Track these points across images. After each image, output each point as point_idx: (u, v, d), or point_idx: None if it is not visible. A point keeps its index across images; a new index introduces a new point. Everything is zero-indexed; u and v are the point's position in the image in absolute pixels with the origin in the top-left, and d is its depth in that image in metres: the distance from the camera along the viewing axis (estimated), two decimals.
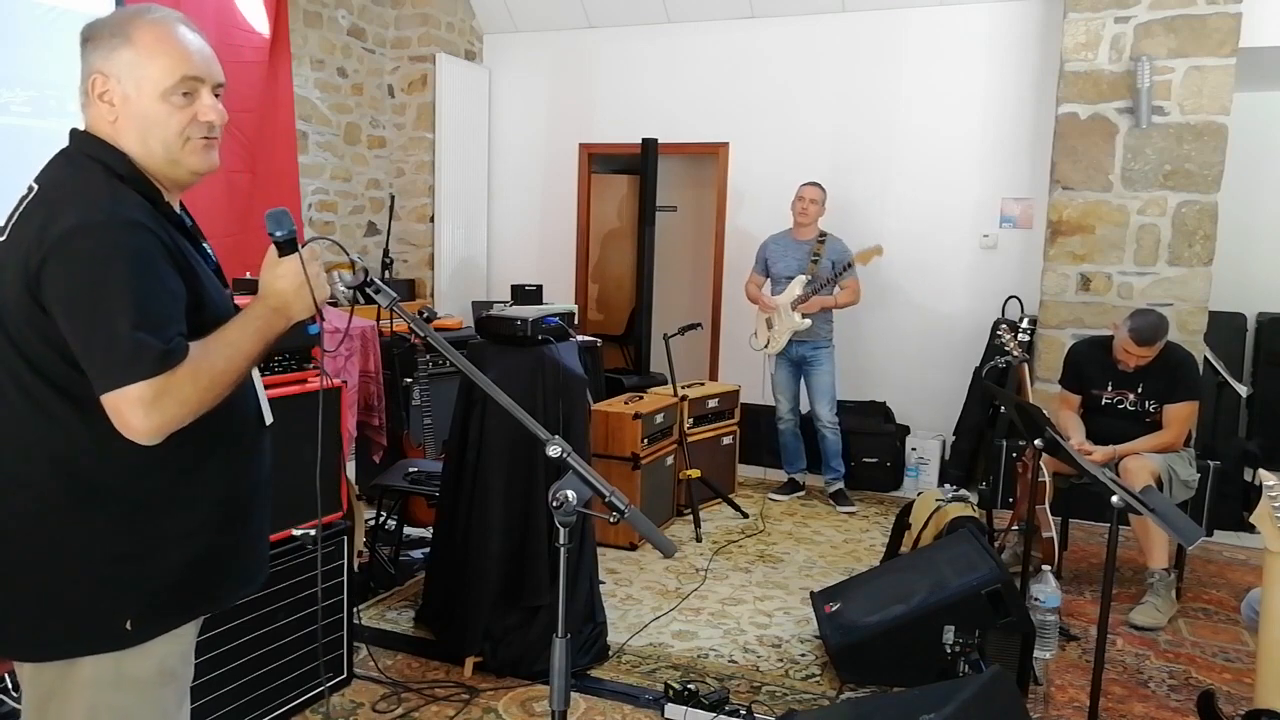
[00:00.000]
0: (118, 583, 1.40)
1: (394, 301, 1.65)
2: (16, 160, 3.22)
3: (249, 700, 2.50)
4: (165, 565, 1.44)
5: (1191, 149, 4.74)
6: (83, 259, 1.30)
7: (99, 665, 1.41)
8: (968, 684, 2.25)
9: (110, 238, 1.31)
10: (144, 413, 1.29)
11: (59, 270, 1.30)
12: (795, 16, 5.91)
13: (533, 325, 3.13)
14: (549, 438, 1.53)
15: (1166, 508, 2.50)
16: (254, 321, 1.43)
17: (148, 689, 1.46)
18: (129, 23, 1.42)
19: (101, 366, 1.30)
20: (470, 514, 3.08)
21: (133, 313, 1.29)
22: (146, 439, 1.32)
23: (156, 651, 1.45)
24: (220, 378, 1.37)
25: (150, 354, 1.29)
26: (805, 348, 5.11)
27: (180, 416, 1.33)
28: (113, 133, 1.42)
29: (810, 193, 5.07)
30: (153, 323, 1.31)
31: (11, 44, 3.54)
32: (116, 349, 1.28)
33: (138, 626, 1.42)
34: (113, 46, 1.41)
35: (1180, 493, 3.78)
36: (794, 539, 4.58)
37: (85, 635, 1.40)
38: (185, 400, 1.32)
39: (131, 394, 1.28)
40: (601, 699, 2.87)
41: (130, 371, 1.28)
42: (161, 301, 1.34)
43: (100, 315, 1.29)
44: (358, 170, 6.18)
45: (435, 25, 6.33)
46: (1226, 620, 3.68)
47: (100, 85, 1.41)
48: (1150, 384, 3.83)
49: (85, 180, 1.38)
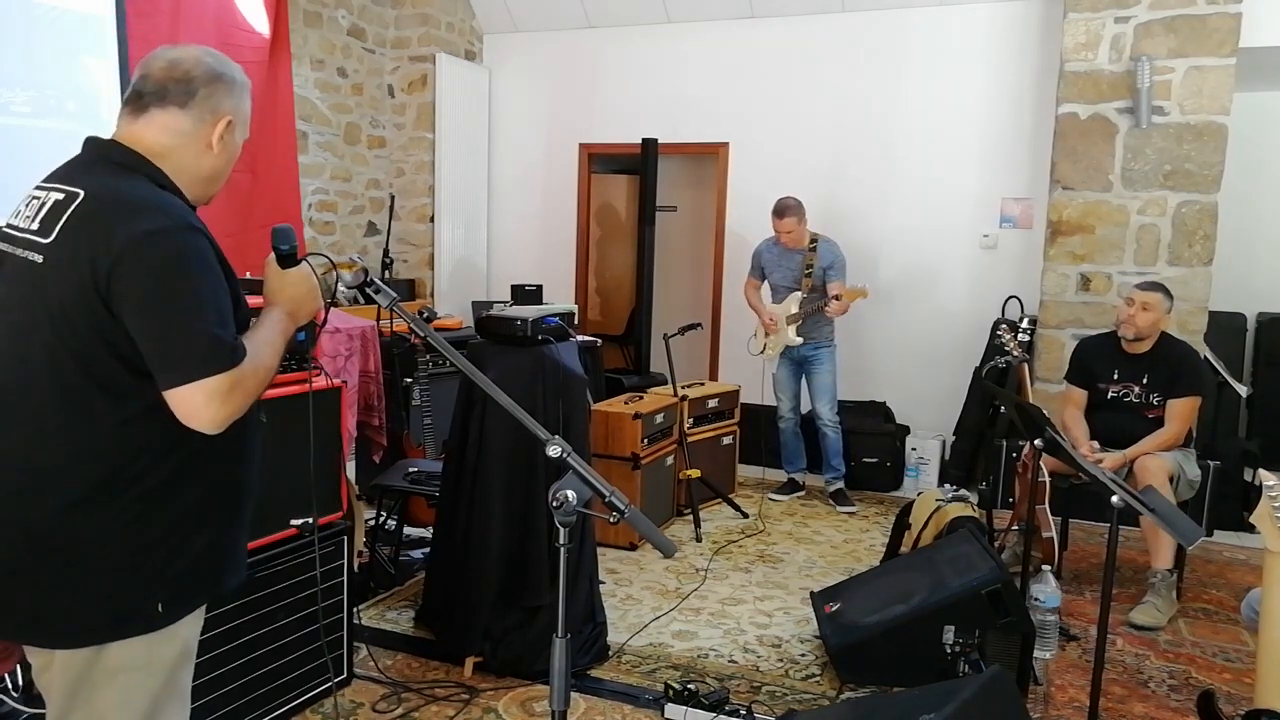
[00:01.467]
0: (148, 567, 1.48)
1: (394, 301, 1.67)
2: (17, 160, 3.22)
3: (249, 700, 2.50)
4: (188, 548, 1.52)
5: (1191, 149, 4.74)
6: (158, 261, 1.39)
7: (129, 649, 1.48)
8: (968, 684, 2.25)
9: (180, 241, 1.42)
10: (220, 403, 1.39)
11: (134, 271, 1.37)
12: (795, 16, 5.91)
13: (533, 325, 3.13)
14: (549, 438, 1.53)
15: (1166, 508, 2.50)
16: (278, 324, 1.59)
17: (173, 670, 1.54)
18: (241, 72, 1.62)
19: (180, 361, 1.38)
20: (470, 514, 3.08)
21: (212, 311, 1.41)
22: (214, 428, 1.42)
23: (181, 633, 1.54)
24: (268, 373, 1.51)
25: (225, 349, 1.41)
26: (807, 348, 5.12)
27: (244, 406, 1.45)
28: (192, 164, 1.56)
29: (784, 226, 4.96)
30: (223, 320, 1.43)
31: (11, 44, 3.54)
32: (196, 344, 1.38)
33: (168, 609, 1.50)
34: (243, 96, 1.61)
35: (1185, 491, 3.79)
36: (794, 539, 4.58)
37: (121, 620, 1.47)
38: (250, 392, 1.45)
39: (210, 386, 1.38)
40: (601, 699, 2.87)
41: (209, 365, 1.38)
42: (224, 301, 1.45)
43: (179, 313, 1.39)
44: (358, 170, 6.19)
45: (435, 25, 6.33)
46: (1226, 620, 3.68)
47: (224, 129, 1.58)
48: (1154, 376, 3.84)
49: (139, 189, 1.46)
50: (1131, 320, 3.82)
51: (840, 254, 5.06)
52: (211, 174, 1.60)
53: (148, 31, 4.06)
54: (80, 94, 3.67)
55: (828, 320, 5.10)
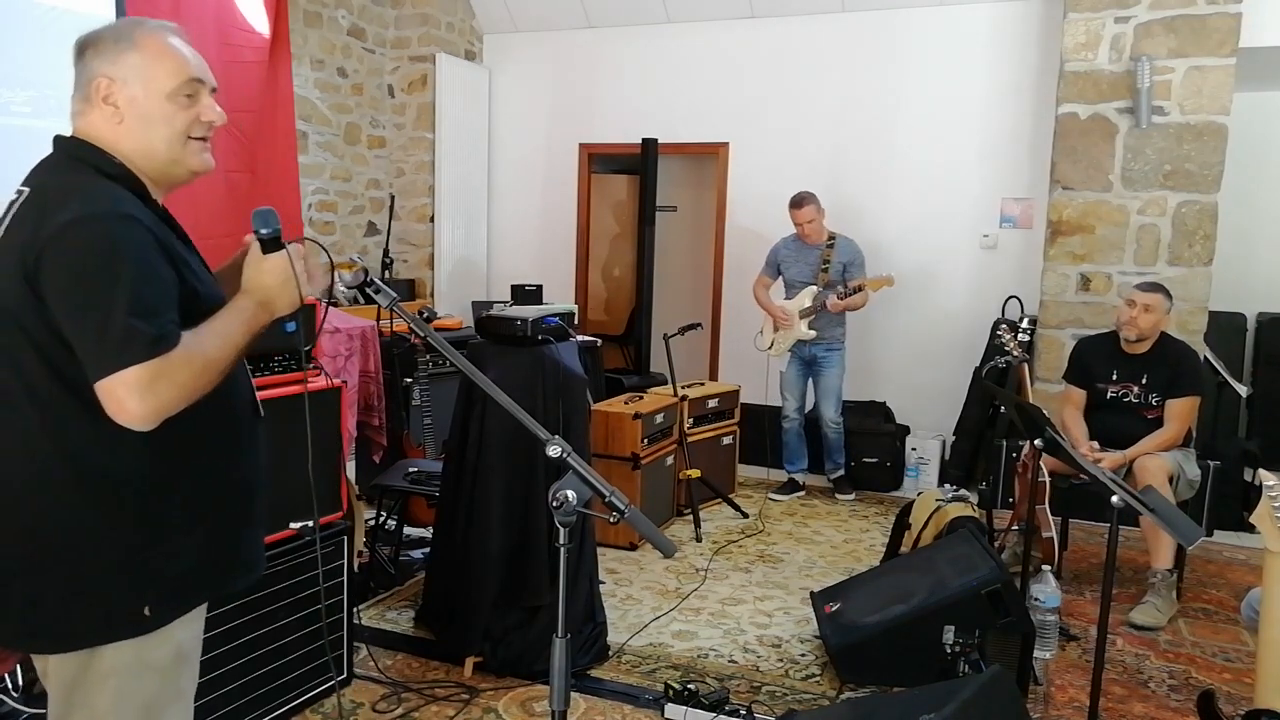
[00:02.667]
0: (135, 570, 1.45)
1: (394, 301, 1.66)
2: (17, 160, 3.22)
3: (249, 700, 2.50)
4: (178, 550, 1.49)
5: (1191, 149, 4.74)
6: (78, 249, 1.34)
7: (121, 653, 1.45)
8: (968, 684, 2.25)
9: (104, 229, 1.36)
10: (139, 397, 1.32)
11: (55, 261, 1.34)
12: (795, 16, 5.91)
13: (533, 325, 3.13)
14: (549, 438, 1.53)
15: (1166, 508, 2.50)
16: (241, 314, 1.49)
17: (167, 672, 1.51)
18: (132, 30, 1.49)
19: (95, 353, 1.33)
20: (470, 514, 3.08)
21: (126, 300, 1.33)
22: (141, 424, 1.35)
23: (174, 636, 1.51)
24: (212, 364, 1.41)
25: (143, 339, 1.33)
26: (819, 348, 5.15)
27: (174, 400, 1.36)
28: (114, 135, 1.47)
29: (802, 216, 5.04)
30: (146, 310, 1.34)
31: (11, 44, 3.54)
32: (110, 335, 1.32)
33: (156, 612, 1.47)
34: (119, 50, 1.47)
35: (1185, 491, 3.79)
36: (794, 539, 4.58)
37: (108, 623, 1.44)
38: (180, 384, 1.36)
39: (127, 378, 1.31)
40: (601, 699, 2.87)
41: (124, 356, 1.31)
42: (154, 290, 1.38)
43: (94, 303, 1.33)
44: (358, 170, 6.18)
45: (435, 25, 6.33)
46: (1226, 620, 3.68)
47: (105, 88, 1.46)
48: (1154, 376, 3.84)
49: (77, 178, 1.43)
50: (1134, 322, 3.82)
51: (859, 251, 5.12)
52: (144, 147, 1.48)
53: None
54: None
55: (841, 321, 5.13)
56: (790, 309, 5.12)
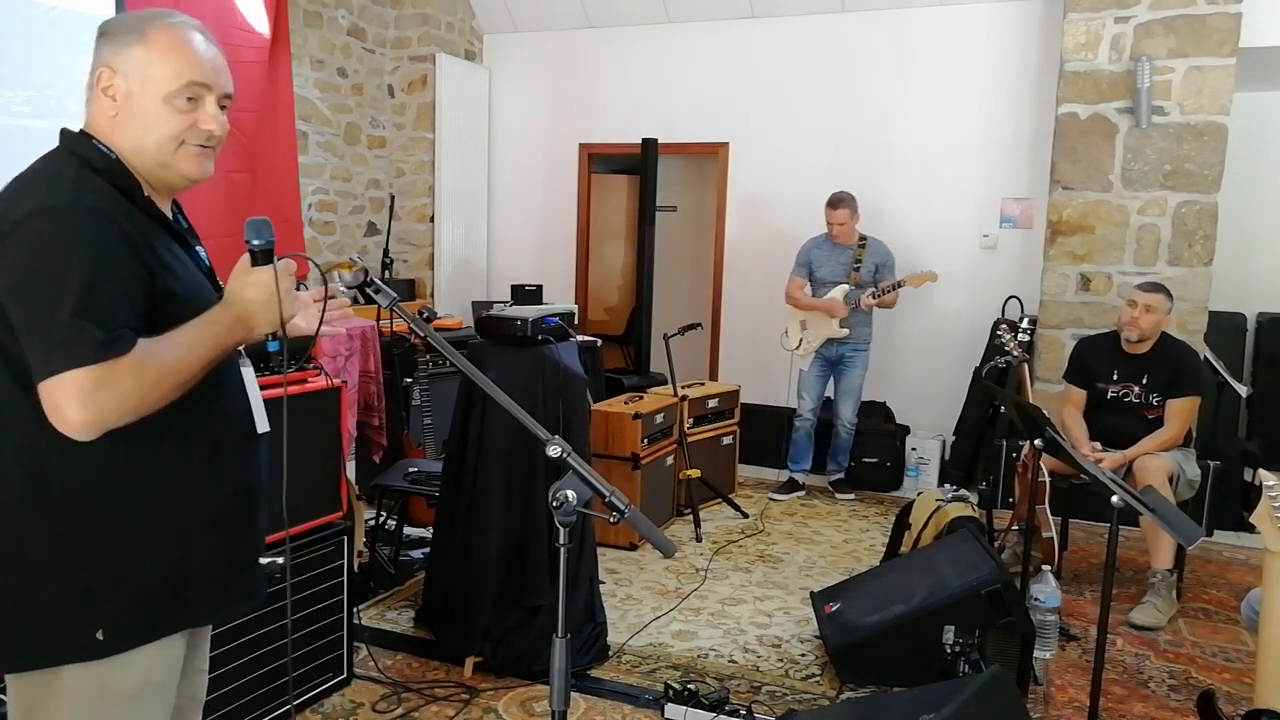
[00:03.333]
0: (90, 590, 1.34)
1: (394, 301, 1.65)
2: (17, 160, 3.22)
3: (249, 700, 2.50)
4: (143, 573, 1.38)
5: (1191, 149, 4.74)
6: (33, 242, 1.26)
7: (79, 676, 1.36)
8: (968, 684, 2.25)
9: (63, 221, 1.28)
10: (79, 402, 1.22)
11: (10, 252, 1.27)
12: (795, 16, 5.91)
13: (533, 325, 3.13)
14: (549, 438, 1.53)
15: (1166, 508, 2.50)
16: (213, 326, 1.38)
17: (131, 702, 1.40)
18: (146, 23, 1.43)
19: (39, 352, 1.24)
20: (470, 514, 3.08)
21: (75, 299, 1.24)
22: (80, 432, 1.24)
23: (139, 663, 1.39)
24: (167, 376, 1.30)
25: (88, 341, 1.23)
26: (846, 348, 5.18)
27: (118, 411, 1.25)
28: (110, 129, 1.41)
29: (837, 217, 5.08)
30: (97, 310, 1.25)
31: (11, 44, 3.54)
32: (53, 334, 1.23)
33: (111, 636, 1.35)
34: (126, 43, 1.41)
35: (1184, 491, 3.79)
36: (794, 539, 4.58)
37: (56, 644, 1.35)
38: (125, 394, 1.25)
39: (67, 381, 1.22)
40: (601, 699, 2.87)
41: (66, 358, 1.22)
42: (111, 290, 1.28)
43: (42, 299, 1.24)
44: (358, 170, 6.18)
45: (435, 25, 6.32)
46: (1226, 620, 3.68)
47: (106, 79, 1.41)
48: (1154, 376, 3.83)
49: (54, 171, 1.36)
50: (1135, 322, 3.82)
51: (891, 254, 5.16)
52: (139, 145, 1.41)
53: None
54: (80, 94, 3.66)
55: (869, 321, 5.15)
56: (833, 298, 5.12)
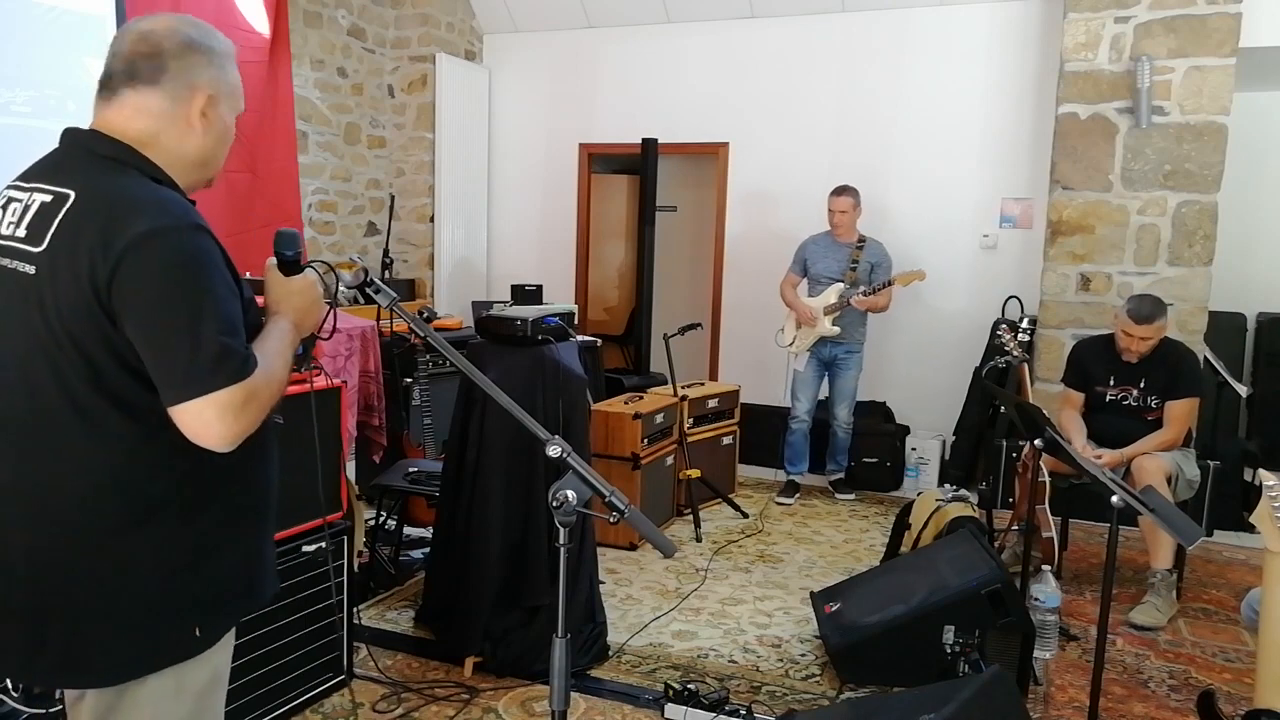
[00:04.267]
0: (182, 592, 1.39)
1: (394, 301, 1.65)
2: (17, 160, 3.22)
3: (249, 700, 2.50)
4: (221, 568, 1.44)
5: (1191, 149, 4.74)
6: (160, 263, 1.27)
7: (160, 678, 1.39)
8: (968, 684, 2.25)
9: (185, 242, 1.29)
10: (232, 418, 1.28)
11: (134, 275, 1.25)
12: (795, 16, 5.91)
13: (533, 325, 3.13)
14: (549, 438, 1.53)
15: (1166, 508, 2.50)
16: (285, 335, 1.47)
17: (203, 696, 1.46)
18: (225, 41, 1.45)
19: (184, 372, 1.26)
20: (470, 514, 3.08)
21: (215, 318, 1.28)
22: (226, 445, 1.30)
23: (212, 659, 1.46)
24: (279, 386, 1.40)
25: (236, 359, 1.29)
26: (839, 349, 5.15)
27: (257, 422, 1.33)
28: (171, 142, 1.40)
29: (839, 204, 5.07)
30: (233, 328, 1.30)
31: (12, 44, 3.54)
32: (202, 354, 1.26)
33: (205, 632, 1.42)
34: (224, 63, 1.43)
35: (1184, 491, 3.79)
36: (794, 539, 4.58)
37: (156, 650, 1.38)
38: (263, 405, 1.34)
39: (221, 399, 1.26)
40: (601, 699, 2.87)
41: (218, 377, 1.26)
42: (234, 307, 1.33)
43: (183, 320, 1.26)
44: (358, 170, 6.18)
45: (435, 25, 6.33)
46: (1226, 620, 3.68)
47: (205, 103, 1.41)
48: (1152, 379, 3.83)
49: (134, 185, 1.33)
50: (1131, 350, 3.79)
51: (888, 255, 5.14)
52: (201, 157, 1.44)
53: None
54: (80, 94, 3.66)
55: (863, 322, 5.14)
56: (815, 306, 5.10)
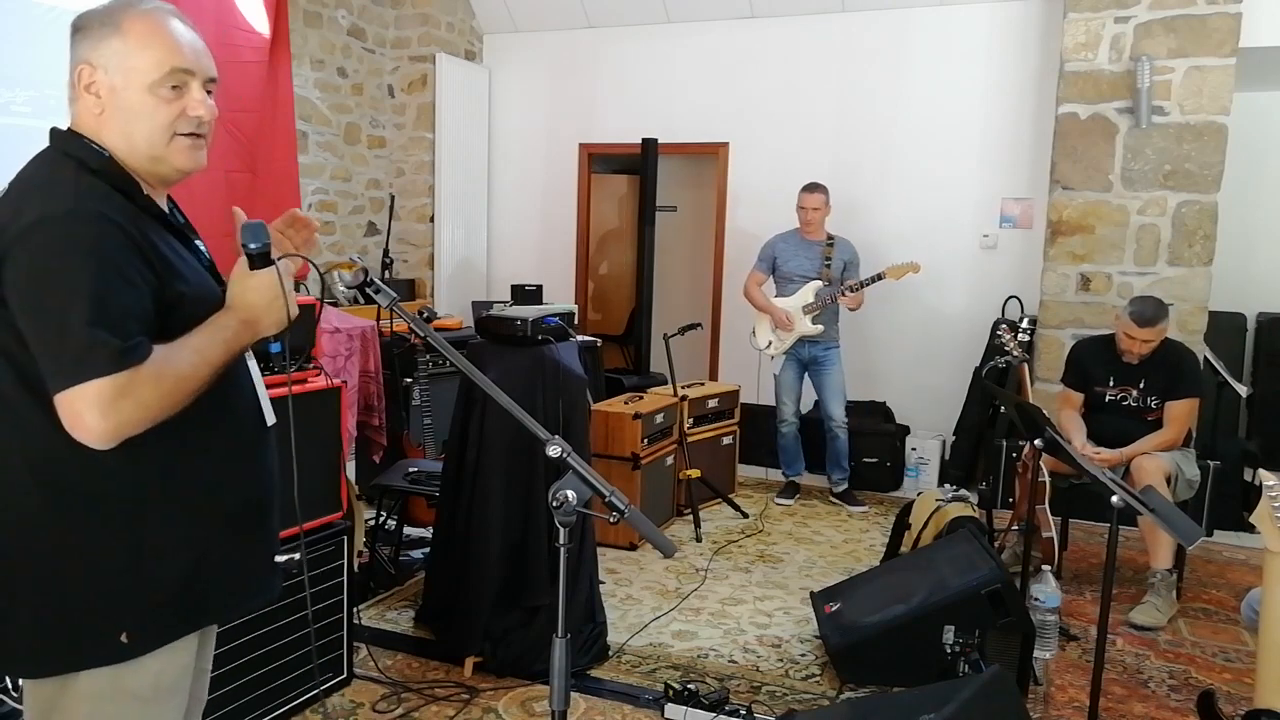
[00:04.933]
0: (112, 594, 1.35)
1: (394, 301, 1.65)
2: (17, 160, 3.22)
3: (249, 700, 2.50)
4: (162, 573, 1.38)
5: (1191, 149, 4.74)
6: (40, 252, 1.25)
7: (95, 679, 1.36)
8: (968, 684, 2.25)
9: (69, 230, 1.26)
10: (100, 413, 1.22)
11: (16, 265, 1.25)
12: (795, 16, 5.91)
13: (533, 325, 3.13)
14: (549, 438, 1.53)
15: (1166, 508, 2.50)
16: (221, 332, 1.39)
17: (147, 703, 1.41)
18: (120, 12, 1.39)
19: (54, 363, 1.24)
20: (470, 514, 3.08)
21: (89, 308, 1.23)
22: (100, 441, 1.25)
23: (152, 666, 1.40)
24: (183, 383, 1.31)
25: (107, 351, 1.23)
26: (817, 348, 5.09)
27: (138, 420, 1.26)
28: (97, 126, 1.39)
29: (811, 201, 5.02)
30: (111, 319, 1.24)
31: (11, 44, 3.54)
32: (69, 345, 1.22)
33: (134, 639, 1.37)
34: (102, 36, 1.37)
35: (1183, 491, 3.79)
36: (794, 539, 4.58)
37: (80, 650, 1.35)
38: (145, 403, 1.26)
39: (88, 392, 1.21)
40: (601, 699, 2.87)
41: (85, 369, 1.22)
42: (123, 298, 1.27)
43: (54, 310, 1.23)
44: (358, 170, 6.18)
45: (435, 25, 6.32)
46: (1226, 620, 3.68)
47: (87, 76, 1.37)
48: (1152, 380, 3.83)
49: (53, 175, 1.34)
50: (1132, 352, 3.80)
51: (857, 253, 5.11)
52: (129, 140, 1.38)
53: None
54: None
55: (836, 321, 5.11)
56: (791, 306, 5.03)
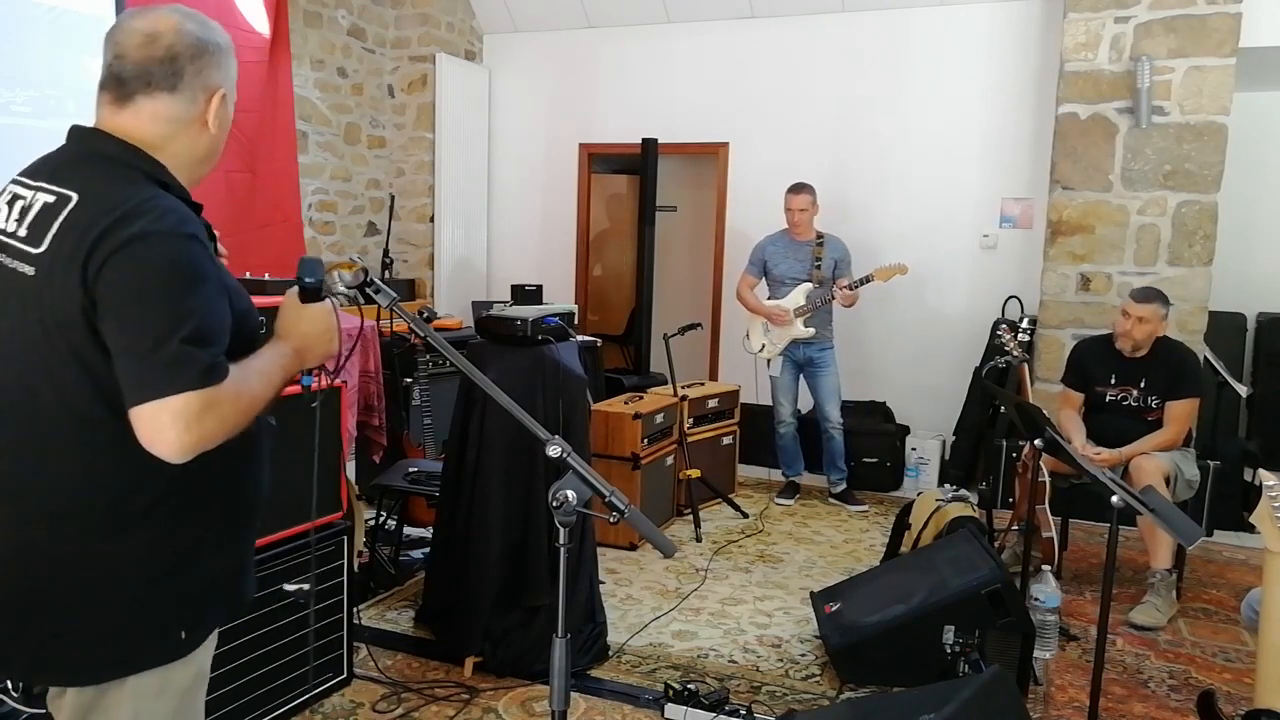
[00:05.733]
0: (169, 597, 1.39)
1: (394, 301, 1.65)
2: (17, 160, 3.22)
3: (249, 700, 2.50)
4: (215, 570, 1.45)
5: (1191, 149, 4.74)
6: (140, 266, 1.27)
7: (142, 679, 1.39)
8: (968, 684, 2.25)
9: (171, 248, 1.29)
10: (184, 427, 1.24)
11: (115, 275, 1.26)
12: (795, 16, 5.91)
13: (533, 325, 3.13)
14: (549, 438, 1.53)
15: (1166, 508, 2.50)
16: (280, 358, 1.45)
17: (187, 693, 1.46)
18: (218, 31, 1.44)
19: (141, 375, 1.24)
20: (470, 514, 3.08)
21: (183, 324, 1.25)
22: (178, 456, 1.26)
23: (197, 658, 1.46)
24: (254, 403, 1.36)
25: (197, 366, 1.25)
26: (812, 349, 5.09)
27: (215, 436, 1.29)
28: (180, 143, 1.41)
29: (797, 202, 5.00)
30: (202, 337, 1.27)
31: (12, 44, 3.54)
32: (161, 357, 1.24)
33: (190, 635, 1.43)
34: (228, 59, 1.44)
35: (1183, 492, 3.79)
36: (794, 539, 4.58)
37: (139, 653, 1.38)
38: (224, 419, 1.29)
39: (175, 405, 1.23)
40: (601, 699, 2.87)
41: (175, 382, 1.23)
42: (210, 318, 1.30)
43: (150, 322, 1.25)
44: (358, 170, 6.18)
45: (435, 25, 6.33)
46: (1226, 620, 3.68)
47: (221, 103, 1.44)
48: (1153, 379, 3.83)
49: (135, 190, 1.33)
50: (1129, 334, 3.81)
51: (847, 250, 5.09)
52: (208, 153, 1.47)
53: None
54: (80, 94, 3.66)
55: (829, 321, 5.10)
56: (785, 307, 5.04)
